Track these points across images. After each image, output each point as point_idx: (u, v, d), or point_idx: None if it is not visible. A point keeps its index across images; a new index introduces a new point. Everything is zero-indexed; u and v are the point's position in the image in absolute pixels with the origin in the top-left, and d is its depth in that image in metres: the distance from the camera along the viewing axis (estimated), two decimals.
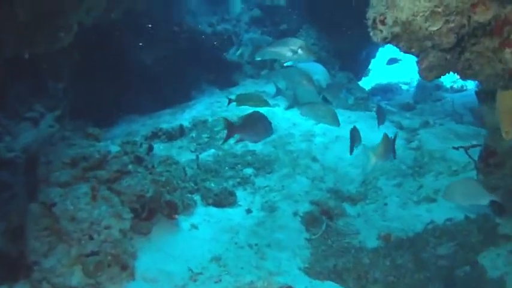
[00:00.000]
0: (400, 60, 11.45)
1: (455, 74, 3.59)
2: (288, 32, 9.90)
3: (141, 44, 9.17)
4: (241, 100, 6.26)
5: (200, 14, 10.62)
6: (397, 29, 3.25)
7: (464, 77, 3.55)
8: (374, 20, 3.48)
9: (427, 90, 10.20)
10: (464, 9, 2.99)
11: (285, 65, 5.63)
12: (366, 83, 12.33)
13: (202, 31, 10.32)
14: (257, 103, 5.94)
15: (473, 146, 5.81)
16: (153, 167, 5.50)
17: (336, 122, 5.29)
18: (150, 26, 8.87)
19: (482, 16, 3.02)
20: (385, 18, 3.33)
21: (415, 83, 13.02)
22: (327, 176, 6.66)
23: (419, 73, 3.55)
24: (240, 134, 5.01)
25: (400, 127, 7.86)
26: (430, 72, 3.40)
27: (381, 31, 3.43)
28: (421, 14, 3.05)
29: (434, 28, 3.03)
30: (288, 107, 6.06)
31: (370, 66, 12.51)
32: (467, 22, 3.03)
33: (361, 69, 11.30)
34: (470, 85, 11.16)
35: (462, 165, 6.40)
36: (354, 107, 8.79)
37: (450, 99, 9.49)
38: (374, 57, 11.74)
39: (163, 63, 9.65)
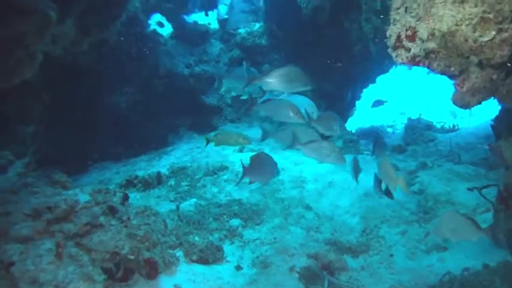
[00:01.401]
0: (385, 102, 11.00)
1: (496, 99, 3.00)
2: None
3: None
4: (220, 140, 5.67)
5: (177, 54, 10.09)
6: (433, 44, 2.68)
7: (508, 102, 2.96)
8: (398, 37, 2.90)
9: (418, 130, 9.73)
10: None
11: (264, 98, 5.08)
12: (350, 125, 11.85)
13: (179, 73, 9.78)
14: (237, 142, 5.57)
15: (487, 187, 5.32)
16: (128, 219, 4.78)
17: (342, 160, 4.68)
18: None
19: None
20: (416, 31, 2.75)
21: (399, 126, 12.62)
22: (323, 225, 6.01)
23: (455, 100, 2.96)
24: (250, 176, 4.81)
25: (396, 169, 7.28)
26: (472, 97, 2.81)
27: (409, 49, 2.84)
28: (467, 23, 2.49)
29: (486, 39, 2.45)
30: (262, 139, 5.44)
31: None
32: None
33: (346, 111, 10.83)
34: (462, 125, 10.79)
35: (471, 207, 5.85)
36: (344, 150, 8.22)
37: (447, 139, 9.02)
38: (359, 98, 11.28)
39: (139, 107, 9.07)
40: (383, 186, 5.03)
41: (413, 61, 2.87)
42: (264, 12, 10.47)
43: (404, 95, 17.80)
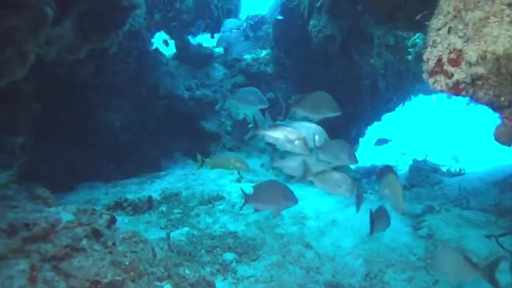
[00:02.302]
0: (390, 140, 10.65)
1: None
2: (276, 101, 9.03)
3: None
4: (216, 162, 5.57)
5: (178, 76, 9.74)
6: (482, 69, 2.29)
7: None
8: (438, 61, 2.51)
9: (423, 172, 9.35)
10: None
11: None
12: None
13: (179, 95, 9.42)
14: (234, 166, 5.45)
15: (504, 235, 5.24)
16: (114, 244, 4.31)
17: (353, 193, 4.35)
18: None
19: None
20: (463, 55, 2.36)
21: (401, 166, 12.24)
22: (323, 266, 5.55)
23: (499, 135, 2.58)
24: (255, 203, 4.38)
25: (402, 212, 6.86)
26: None
27: (451, 75, 2.45)
28: None
29: None
30: (272, 166, 5.02)
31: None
32: None
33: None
34: (468, 169, 10.43)
35: (483, 256, 5.42)
36: None
37: (454, 183, 8.64)
38: (363, 136, 10.93)
39: (133, 127, 8.68)
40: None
41: (455, 89, 2.49)
42: (272, 39, 10.16)
43: (407, 136, 17.49)
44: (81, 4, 4.51)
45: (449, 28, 2.42)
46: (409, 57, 8.83)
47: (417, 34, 8.73)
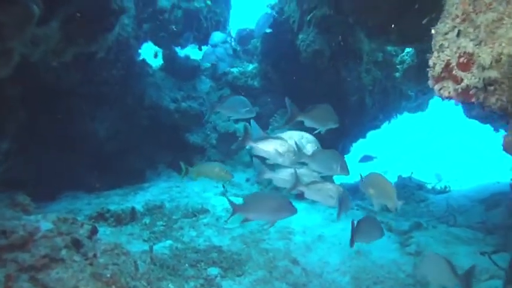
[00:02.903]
0: (375, 157, 10.58)
1: None
2: (261, 116, 8.92)
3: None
4: (200, 171, 5.54)
5: (164, 88, 9.60)
6: (495, 73, 2.19)
7: None
8: (446, 66, 2.41)
9: (408, 189, 9.27)
10: None
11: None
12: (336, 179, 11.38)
13: (164, 107, 9.28)
14: (218, 175, 5.40)
15: (496, 252, 5.22)
16: (95, 256, 4.13)
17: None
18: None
19: None
20: (474, 58, 2.26)
21: None
22: (311, 282, 5.39)
23: (508, 145, 2.47)
24: (245, 213, 4.11)
25: (389, 229, 6.77)
26: None
27: (460, 80, 2.35)
28: None
29: None
30: (258, 179, 4.89)
31: None
32: None
33: None
34: (454, 187, 10.39)
35: (474, 274, 5.27)
36: None
37: (439, 200, 8.61)
38: (348, 152, 10.83)
39: (118, 137, 8.50)
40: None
41: (465, 95, 2.39)
42: (260, 52, 10.07)
43: (389, 153, 17.46)
44: (69, 5, 4.37)
45: (459, 31, 2.32)
46: (397, 74, 8.81)
47: (405, 51, 8.73)
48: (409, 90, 9.98)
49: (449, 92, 2.45)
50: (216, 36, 9.89)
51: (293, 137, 4.39)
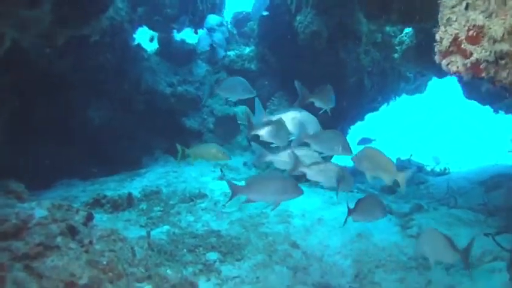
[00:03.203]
0: (373, 140, 10.49)
1: None
2: (259, 98, 8.80)
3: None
4: (197, 153, 5.53)
5: (160, 72, 9.47)
6: (508, 45, 2.08)
7: None
8: (455, 40, 2.30)
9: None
10: None
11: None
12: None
13: (160, 91, 9.16)
14: (216, 157, 5.39)
15: (500, 233, 5.18)
16: (91, 242, 4.04)
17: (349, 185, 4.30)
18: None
19: None
20: (484, 31, 2.15)
21: None
22: (311, 266, 5.33)
23: None
24: (248, 193, 4.00)
25: (390, 211, 6.69)
26: None
27: (469, 54, 2.24)
28: None
29: None
30: (257, 162, 4.76)
31: None
32: None
33: None
34: (453, 169, 10.35)
35: (476, 256, 5.23)
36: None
37: (439, 182, 8.57)
38: (346, 135, 10.76)
39: (114, 123, 8.39)
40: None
41: (474, 69, 2.29)
42: (256, 35, 9.95)
43: (388, 136, 17.42)
44: None
45: (467, 4, 2.22)
46: (395, 55, 8.70)
47: (404, 32, 8.61)
48: (407, 72, 9.89)
49: (457, 67, 2.35)
50: (212, 19, 9.76)
51: (296, 117, 4.29)
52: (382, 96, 10.13)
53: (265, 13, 9.20)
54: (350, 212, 4.35)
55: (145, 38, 10.00)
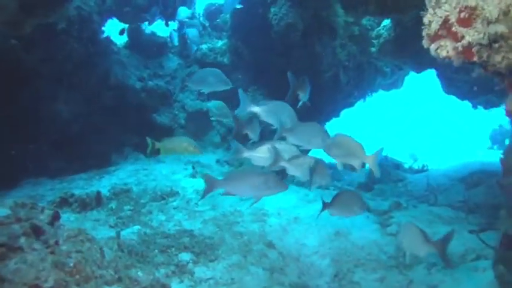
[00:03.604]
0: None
1: None
2: (233, 93, 8.65)
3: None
4: (168, 146, 5.25)
5: (130, 66, 9.20)
6: (503, 27, 1.92)
7: None
8: (445, 22, 2.14)
9: (385, 169, 9.11)
10: None
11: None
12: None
13: (130, 86, 8.89)
14: (186, 150, 5.14)
15: (484, 230, 5.14)
16: (56, 243, 3.81)
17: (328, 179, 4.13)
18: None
19: None
20: (477, 11, 1.99)
21: None
22: (288, 266, 5.17)
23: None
24: (225, 187, 3.88)
25: (368, 209, 6.57)
26: None
27: (460, 37, 2.08)
28: None
29: None
30: (234, 157, 4.56)
31: None
32: None
33: None
34: (432, 166, 10.31)
35: (459, 254, 5.13)
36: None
37: (417, 180, 8.49)
38: None
39: (81, 119, 8.10)
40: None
41: (466, 53, 2.12)
42: (229, 27, 9.74)
43: (364, 133, 17.40)
44: None
45: None
46: (373, 49, 8.59)
47: (382, 25, 8.50)
48: (384, 66, 9.80)
49: (447, 51, 2.18)
50: (183, 11, 9.54)
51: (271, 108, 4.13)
52: (358, 91, 10.04)
53: (238, 6, 9.01)
54: (325, 205, 4.24)
55: (115, 30, 9.72)
